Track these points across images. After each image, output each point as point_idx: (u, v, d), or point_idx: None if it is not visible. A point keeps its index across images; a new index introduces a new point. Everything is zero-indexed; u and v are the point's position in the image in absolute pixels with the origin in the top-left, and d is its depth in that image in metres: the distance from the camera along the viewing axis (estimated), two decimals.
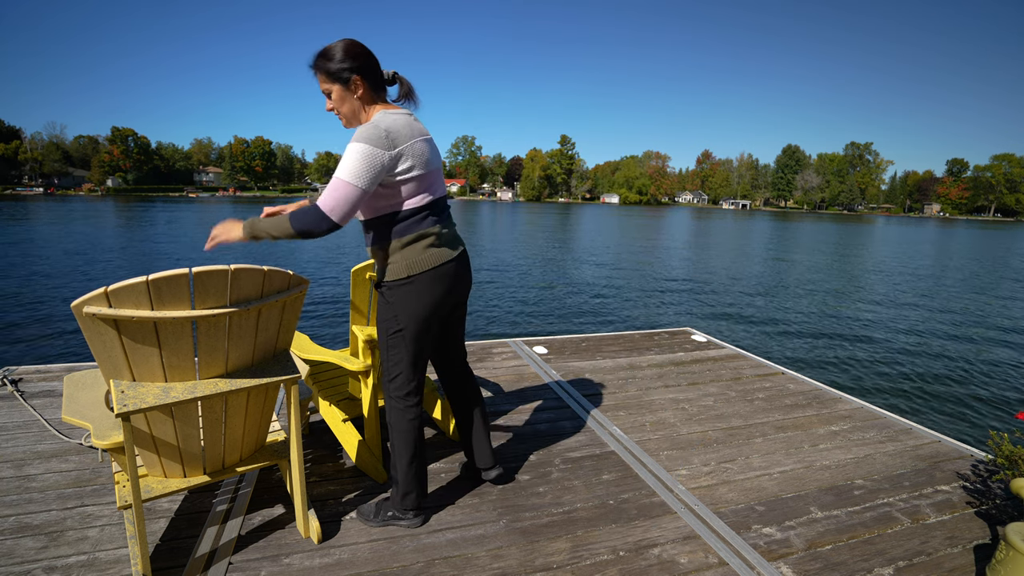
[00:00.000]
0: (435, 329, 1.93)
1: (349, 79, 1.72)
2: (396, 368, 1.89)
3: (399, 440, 1.92)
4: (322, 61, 1.72)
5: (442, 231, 1.84)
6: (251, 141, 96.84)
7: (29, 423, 2.61)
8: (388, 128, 1.66)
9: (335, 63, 1.70)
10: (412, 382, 1.91)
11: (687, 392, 3.39)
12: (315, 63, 1.74)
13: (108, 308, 1.36)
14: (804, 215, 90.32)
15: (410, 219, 1.77)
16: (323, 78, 1.74)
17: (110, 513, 1.94)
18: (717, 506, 2.16)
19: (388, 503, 1.98)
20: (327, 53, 1.71)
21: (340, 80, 1.72)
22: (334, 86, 1.73)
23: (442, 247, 1.83)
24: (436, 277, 1.81)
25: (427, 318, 1.84)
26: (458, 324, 2.10)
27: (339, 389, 2.55)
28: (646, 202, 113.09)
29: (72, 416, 1.65)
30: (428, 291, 1.81)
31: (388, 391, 1.93)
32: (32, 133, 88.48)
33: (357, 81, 1.72)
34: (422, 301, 1.81)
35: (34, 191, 73.73)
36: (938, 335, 9.43)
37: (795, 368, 6.34)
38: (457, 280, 1.89)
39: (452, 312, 2.03)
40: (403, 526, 1.95)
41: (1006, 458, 2.15)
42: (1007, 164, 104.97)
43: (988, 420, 5.66)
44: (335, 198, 1.61)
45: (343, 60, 1.70)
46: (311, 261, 16.18)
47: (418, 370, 1.92)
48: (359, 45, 1.74)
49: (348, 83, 1.72)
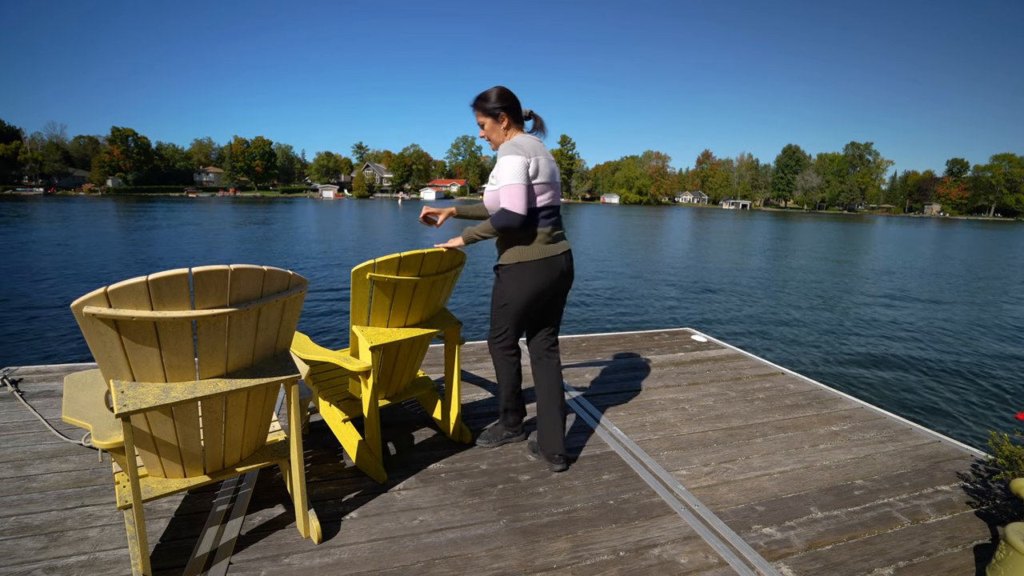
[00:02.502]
0: (537, 308, 2.38)
1: (498, 114, 2.26)
2: (501, 331, 2.42)
3: (505, 378, 2.48)
4: (481, 102, 2.27)
5: (553, 232, 2.30)
6: (251, 141, 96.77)
7: (29, 423, 2.61)
8: (518, 143, 2.19)
9: (490, 103, 2.26)
10: (512, 340, 2.44)
11: (687, 392, 3.39)
12: (475, 103, 2.29)
13: (108, 308, 1.36)
14: (804, 215, 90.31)
15: (531, 218, 2.22)
16: (480, 114, 2.29)
17: (110, 513, 1.94)
18: (717, 506, 2.16)
19: (499, 427, 2.60)
20: (485, 96, 2.27)
21: (492, 115, 2.26)
22: (487, 119, 2.28)
23: (549, 244, 2.28)
24: (539, 268, 2.26)
25: (528, 300, 2.31)
26: (557, 310, 2.49)
27: (339, 389, 2.55)
28: (646, 202, 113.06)
29: (72, 416, 1.65)
30: (532, 278, 2.27)
31: (494, 346, 2.46)
32: (32, 133, 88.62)
33: (503, 116, 2.26)
34: (524, 285, 2.27)
35: (34, 191, 73.71)
36: (938, 335, 9.43)
37: (795, 368, 6.34)
38: (559, 274, 2.32)
39: (553, 299, 2.44)
40: (515, 441, 2.61)
41: (1006, 458, 2.15)
42: (1007, 164, 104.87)
43: (988, 420, 5.66)
44: (511, 197, 2.13)
45: (496, 101, 2.25)
46: (311, 261, 16.18)
47: (518, 334, 2.45)
48: (507, 90, 2.28)
49: (497, 117, 2.26)
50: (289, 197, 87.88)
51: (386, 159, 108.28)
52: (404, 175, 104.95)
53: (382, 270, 2.11)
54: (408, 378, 2.60)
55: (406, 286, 2.21)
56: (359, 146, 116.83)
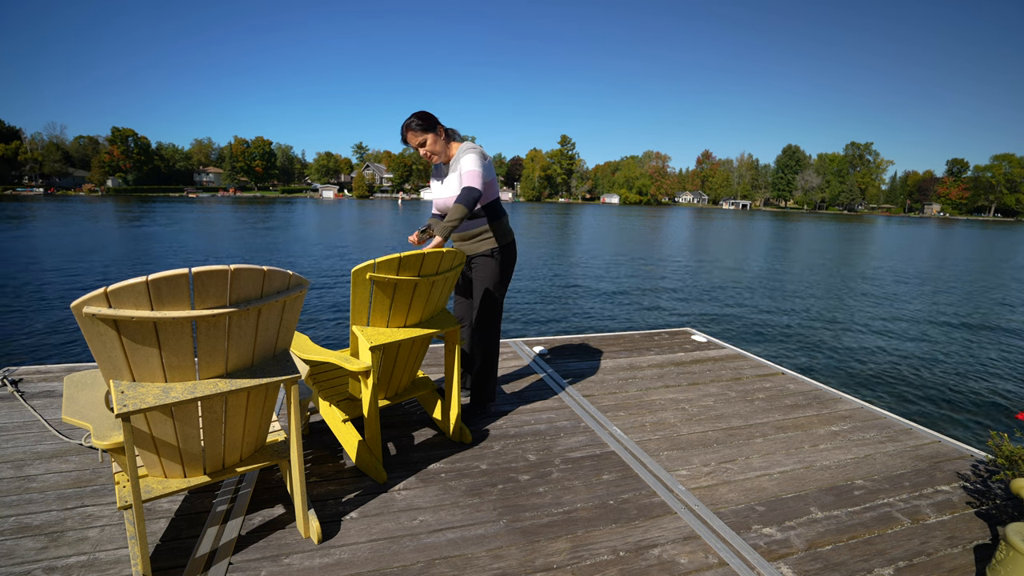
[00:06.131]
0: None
1: (437, 128, 2.62)
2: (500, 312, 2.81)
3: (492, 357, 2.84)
4: (418, 122, 2.57)
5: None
6: (251, 141, 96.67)
7: (29, 423, 2.61)
8: (474, 146, 2.62)
9: (428, 121, 2.59)
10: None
11: (687, 392, 3.39)
12: (413, 126, 2.57)
13: (108, 308, 1.36)
14: (804, 215, 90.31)
15: (500, 207, 2.75)
16: (419, 133, 2.58)
17: (110, 513, 1.94)
18: (717, 506, 2.16)
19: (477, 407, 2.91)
20: (420, 116, 2.58)
21: (433, 130, 2.60)
22: (428, 135, 2.60)
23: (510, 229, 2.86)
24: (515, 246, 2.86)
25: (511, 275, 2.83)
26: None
27: (339, 389, 2.55)
28: (646, 202, 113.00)
29: (72, 416, 1.65)
30: (515, 255, 2.85)
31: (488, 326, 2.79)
32: (32, 133, 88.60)
33: (440, 129, 2.64)
34: (514, 261, 2.84)
35: (34, 191, 73.66)
36: (938, 335, 9.43)
37: (795, 368, 6.34)
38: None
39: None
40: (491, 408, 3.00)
41: (1006, 458, 2.15)
42: (1007, 164, 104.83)
43: (988, 420, 5.66)
44: (471, 178, 2.48)
45: (431, 119, 2.60)
46: (311, 261, 16.18)
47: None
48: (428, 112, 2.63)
49: (436, 131, 2.62)
50: (289, 197, 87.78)
51: (386, 159, 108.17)
52: (404, 175, 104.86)
53: (382, 270, 2.11)
54: (408, 378, 2.61)
55: (406, 286, 2.21)
56: (359, 146, 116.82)
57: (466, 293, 2.93)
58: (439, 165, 2.79)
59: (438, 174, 2.80)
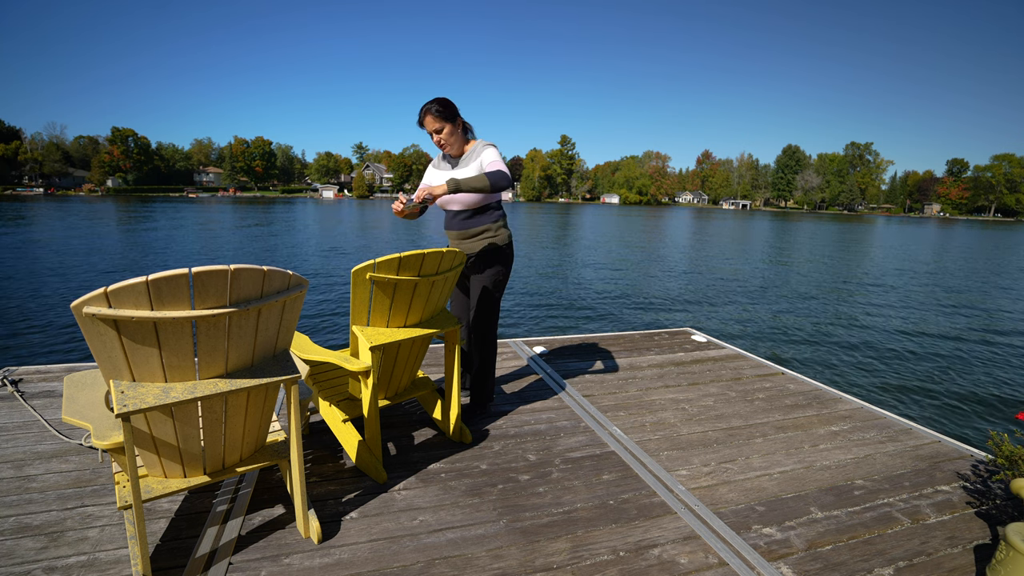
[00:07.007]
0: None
1: (457, 120, 2.58)
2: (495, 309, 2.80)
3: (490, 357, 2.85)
4: (441, 108, 2.51)
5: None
6: (251, 141, 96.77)
7: (29, 423, 2.61)
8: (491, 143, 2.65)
9: (451, 109, 2.54)
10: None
11: (687, 392, 3.39)
12: (435, 108, 2.50)
13: (108, 308, 1.36)
14: (804, 215, 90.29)
15: (500, 207, 2.77)
16: (438, 119, 2.52)
17: (110, 513, 1.94)
18: (717, 506, 2.16)
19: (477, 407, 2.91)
20: (445, 102, 2.52)
21: (453, 120, 2.56)
22: (447, 124, 2.54)
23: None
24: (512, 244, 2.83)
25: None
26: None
27: (339, 389, 2.55)
28: (646, 202, 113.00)
29: (72, 416, 1.65)
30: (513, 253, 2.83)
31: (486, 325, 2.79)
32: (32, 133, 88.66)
33: (460, 122, 2.61)
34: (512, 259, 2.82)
35: (34, 191, 73.69)
36: (938, 335, 9.43)
37: (795, 368, 6.34)
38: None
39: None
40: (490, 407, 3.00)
41: (1006, 458, 2.15)
42: (1007, 164, 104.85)
43: (988, 420, 5.66)
44: (503, 167, 2.48)
45: (453, 108, 2.56)
46: (311, 261, 16.18)
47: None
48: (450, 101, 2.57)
49: (456, 122, 2.58)
50: (289, 197, 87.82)
51: (386, 159, 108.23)
52: (404, 175, 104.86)
53: (382, 270, 2.11)
54: (408, 378, 2.61)
55: (406, 286, 2.21)
56: (359, 146, 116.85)
57: (464, 292, 2.92)
58: (446, 156, 2.72)
59: (441, 165, 2.75)
